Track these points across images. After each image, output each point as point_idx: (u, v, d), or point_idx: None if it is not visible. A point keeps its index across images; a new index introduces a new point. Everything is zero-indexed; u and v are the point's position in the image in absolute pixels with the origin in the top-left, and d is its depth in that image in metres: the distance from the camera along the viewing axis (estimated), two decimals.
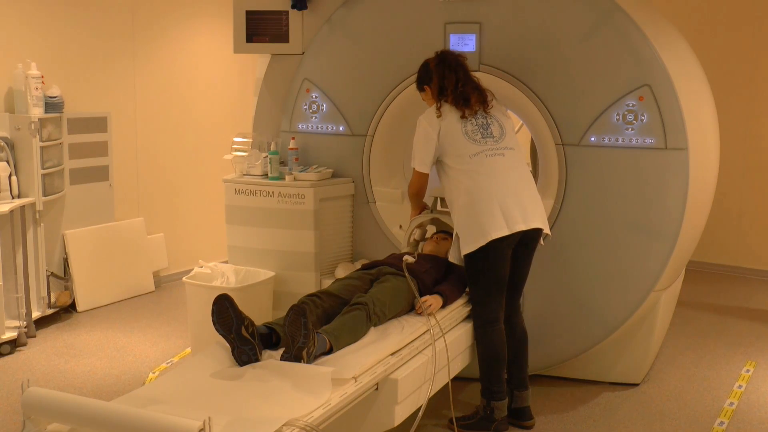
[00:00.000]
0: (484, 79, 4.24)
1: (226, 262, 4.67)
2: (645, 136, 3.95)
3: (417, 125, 3.79)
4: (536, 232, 3.70)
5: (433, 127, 3.71)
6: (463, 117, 3.70)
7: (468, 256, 3.63)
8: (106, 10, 5.72)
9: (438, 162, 3.77)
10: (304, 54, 4.68)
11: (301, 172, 4.51)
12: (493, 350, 3.70)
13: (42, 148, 4.99)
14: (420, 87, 3.88)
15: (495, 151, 3.66)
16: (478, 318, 3.72)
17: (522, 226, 3.60)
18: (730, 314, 5.60)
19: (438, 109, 3.74)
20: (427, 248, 4.16)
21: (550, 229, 4.16)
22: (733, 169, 6.40)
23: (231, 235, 4.61)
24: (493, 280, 3.66)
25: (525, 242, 3.69)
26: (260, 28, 4.73)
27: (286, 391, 2.73)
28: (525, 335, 3.89)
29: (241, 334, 2.96)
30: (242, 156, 4.68)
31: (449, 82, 3.74)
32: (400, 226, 4.50)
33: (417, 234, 4.29)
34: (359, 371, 2.91)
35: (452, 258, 3.75)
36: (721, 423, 3.90)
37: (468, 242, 3.60)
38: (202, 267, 4.54)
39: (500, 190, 3.60)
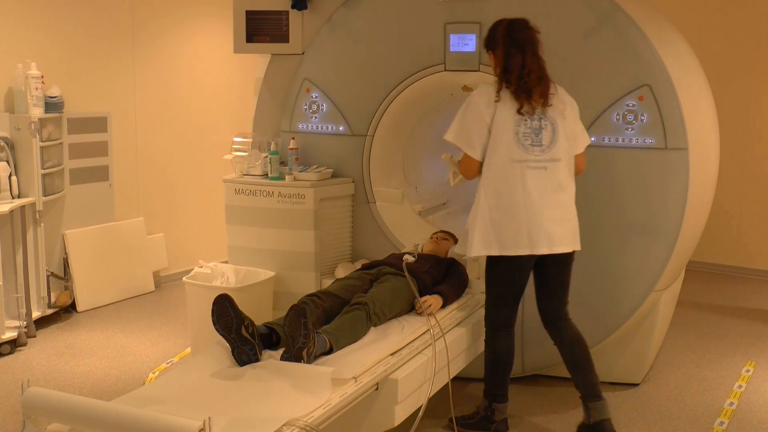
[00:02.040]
0: (484, 79, 4.25)
1: (226, 262, 4.67)
2: (645, 136, 3.95)
3: (468, 100, 3.49)
4: (567, 254, 3.57)
5: (488, 111, 3.43)
6: (519, 112, 3.43)
7: (489, 261, 3.55)
8: (106, 10, 5.72)
9: None
10: (304, 54, 4.68)
11: (301, 172, 4.51)
12: (500, 354, 3.65)
13: (42, 148, 4.99)
14: (486, 47, 3.58)
15: (538, 163, 3.44)
16: (489, 321, 3.67)
17: (545, 250, 3.46)
18: (730, 314, 5.60)
19: (498, 92, 3.45)
20: (427, 248, 4.16)
21: None
22: (733, 169, 6.40)
23: (231, 235, 4.61)
24: (510, 288, 3.59)
25: (554, 256, 3.53)
26: (260, 28, 4.73)
27: (286, 391, 2.73)
28: (577, 339, 3.65)
29: (241, 334, 2.96)
30: (242, 156, 4.68)
31: (515, 63, 3.43)
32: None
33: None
34: (359, 371, 2.91)
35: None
36: (721, 423, 3.90)
37: (479, 244, 3.48)
38: (202, 267, 4.54)
39: (532, 209, 3.43)
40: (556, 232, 3.47)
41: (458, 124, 3.51)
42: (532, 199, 3.43)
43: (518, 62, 3.42)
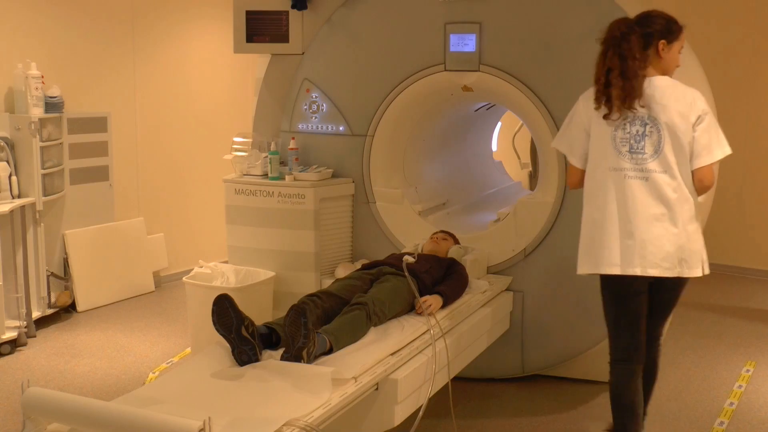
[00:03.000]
0: (483, 79, 4.26)
1: (226, 262, 4.67)
2: None
3: (576, 104, 3.27)
4: (671, 279, 3.19)
5: (587, 115, 3.19)
6: (605, 117, 3.12)
7: (600, 281, 3.26)
8: (106, 10, 5.72)
9: None
10: (304, 54, 4.68)
11: (301, 172, 4.51)
12: (614, 392, 3.27)
13: (42, 148, 4.99)
14: None
15: (637, 173, 3.09)
16: (610, 350, 3.32)
17: (638, 271, 3.10)
18: (730, 314, 5.60)
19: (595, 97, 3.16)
20: (427, 248, 4.16)
21: (549, 230, 4.16)
22: (733, 169, 6.39)
23: (231, 235, 4.61)
24: (615, 315, 3.25)
25: (663, 281, 3.20)
26: (260, 28, 4.73)
27: (286, 391, 2.73)
28: (654, 370, 3.43)
29: (241, 334, 2.96)
30: (242, 156, 4.68)
31: (597, 65, 3.15)
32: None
33: None
34: (359, 371, 2.91)
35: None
36: (721, 423, 3.90)
37: (581, 261, 3.25)
38: (202, 267, 4.54)
39: (627, 224, 3.09)
40: (654, 252, 3.09)
41: (563, 128, 3.32)
42: (628, 213, 3.10)
43: (600, 62, 3.15)
